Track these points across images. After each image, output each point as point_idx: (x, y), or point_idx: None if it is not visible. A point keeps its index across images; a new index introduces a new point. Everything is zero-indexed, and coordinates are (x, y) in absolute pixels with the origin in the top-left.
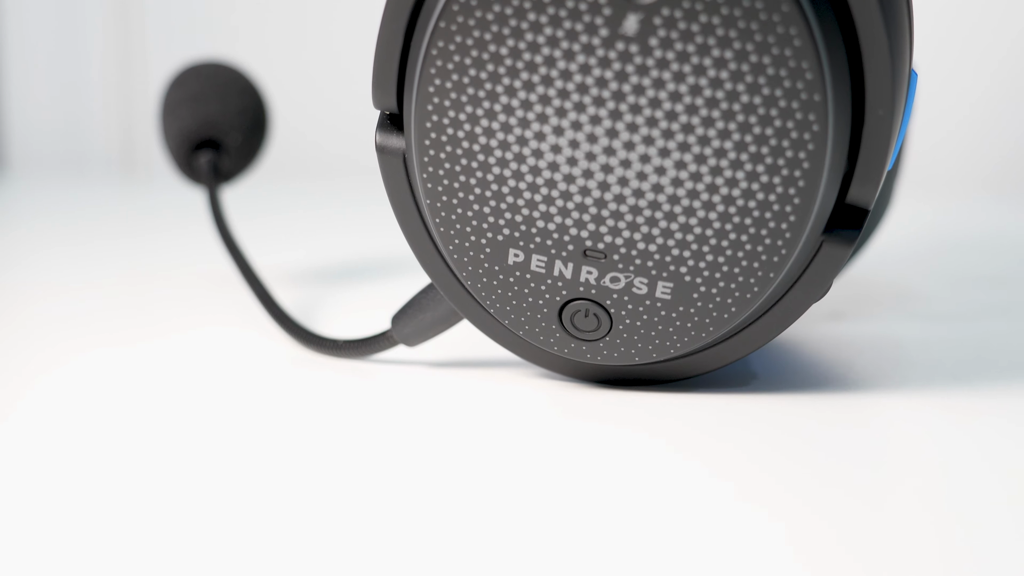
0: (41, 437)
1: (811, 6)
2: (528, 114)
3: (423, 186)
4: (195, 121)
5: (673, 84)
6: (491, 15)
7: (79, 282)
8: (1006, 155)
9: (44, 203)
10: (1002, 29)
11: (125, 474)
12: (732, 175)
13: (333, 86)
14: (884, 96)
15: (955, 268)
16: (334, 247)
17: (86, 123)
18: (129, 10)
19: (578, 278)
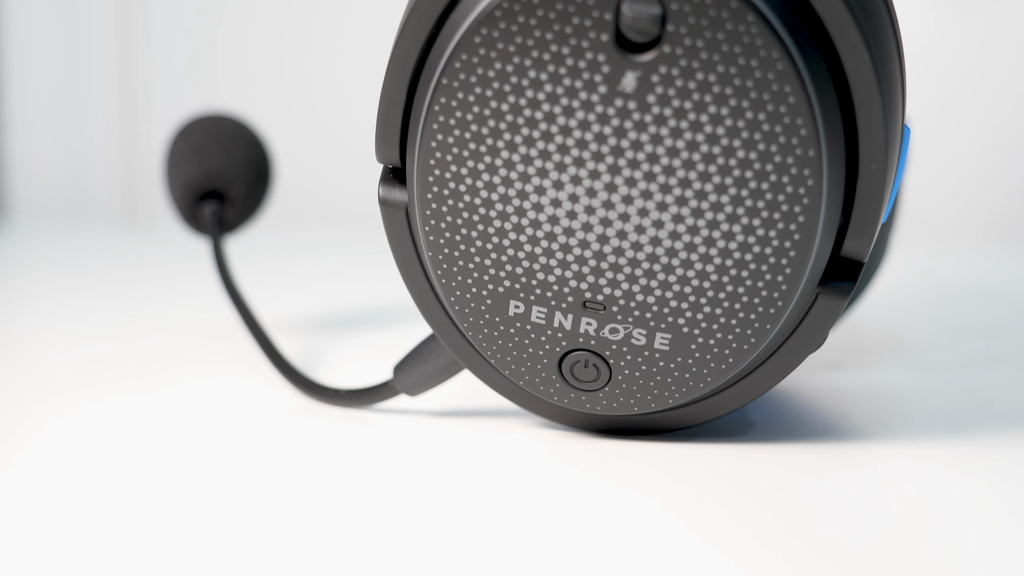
0: (43, 490)
1: (805, 64)
2: (528, 168)
3: (425, 239)
4: (200, 173)
5: (671, 139)
6: (492, 72)
7: (81, 330)
8: (1006, 204)
9: (46, 250)
10: (1004, 80)
11: (127, 528)
12: (729, 228)
13: (335, 138)
14: (877, 151)
15: (953, 317)
16: (336, 296)
17: (88, 170)
18: (133, 59)
19: (578, 329)
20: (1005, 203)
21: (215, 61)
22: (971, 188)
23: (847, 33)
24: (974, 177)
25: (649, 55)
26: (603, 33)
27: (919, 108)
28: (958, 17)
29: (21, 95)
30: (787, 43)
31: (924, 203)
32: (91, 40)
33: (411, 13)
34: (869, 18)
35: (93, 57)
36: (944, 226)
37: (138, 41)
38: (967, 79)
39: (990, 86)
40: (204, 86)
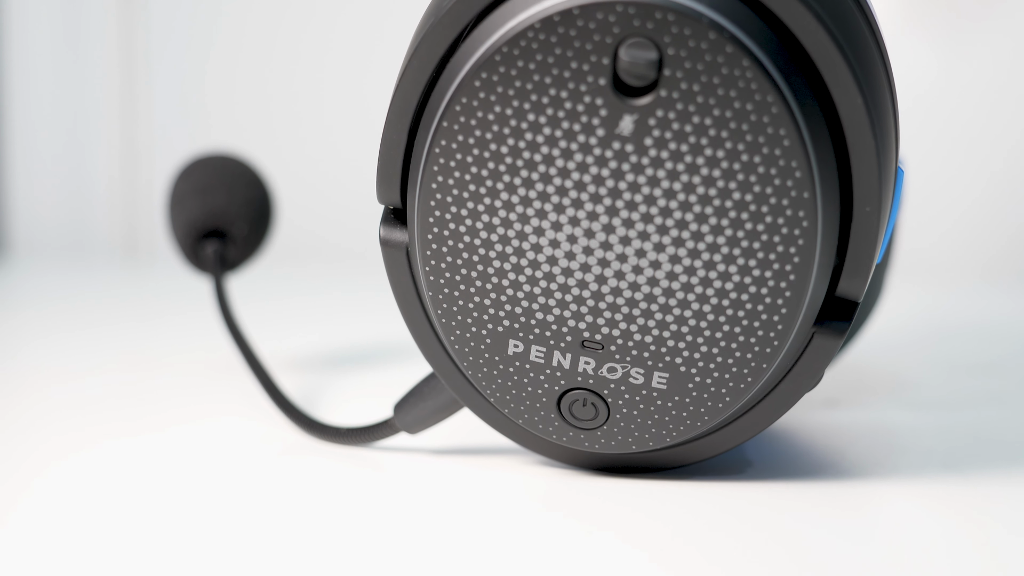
0: (44, 536)
1: (799, 107)
2: (528, 210)
3: (425, 279)
4: (202, 212)
5: (667, 182)
6: (492, 115)
7: (82, 368)
8: (1004, 243)
9: (47, 287)
10: (1003, 120)
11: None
12: (725, 269)
13: (336, 177)
14: (871, 193)
15: (950, 356)
16: (337, 334)
17: (89, 208)
18: (135, 98)
19: (576, 368)
20: (1003, 242)
21: (216, 100)
22: (969, 227)
23: (840, 77)
24: (972, 216)
25: (646, 99)
26: (601, 77)
27: (919, 148)
28: (957, 57)
29: (23, 132)
30: (781, 87)
31: (922, 242)
32: (94, 77)
33: (412, 57)
34: (862, 62)
35: (95, 95)
36: (942, 264)
37: (140, 80)
38: (966, 119)
39: (988, 126)
40: (205, 125)
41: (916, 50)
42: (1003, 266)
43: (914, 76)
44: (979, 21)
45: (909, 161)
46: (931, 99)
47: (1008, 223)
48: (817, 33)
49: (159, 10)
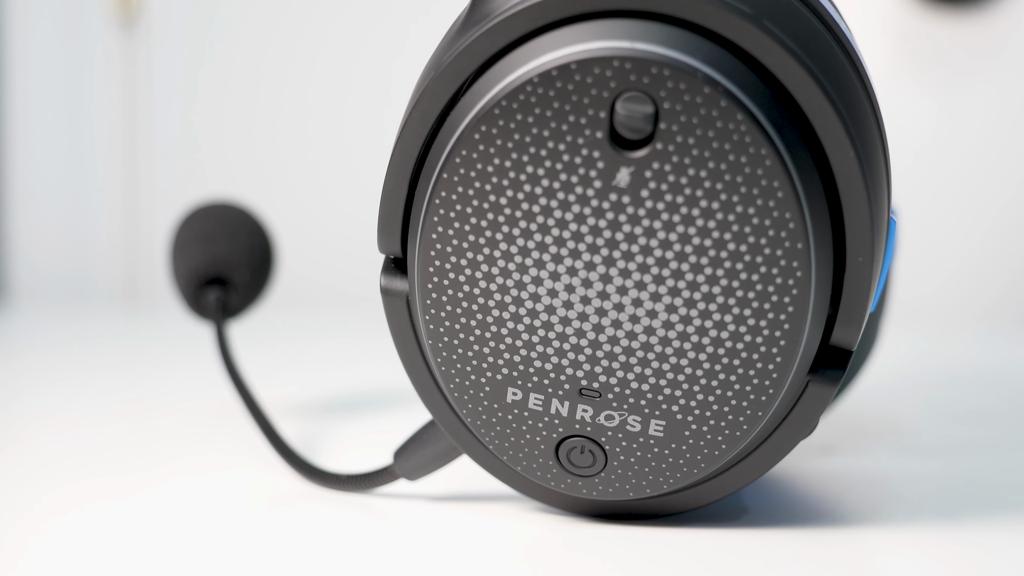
0: None
1: (792, 160)
2: (526, 260)
3: (425, 327)
4: (205, 259)
5: (664, 232)
6: (491, 167)
7: (83, 416)
8: (1001, 290)
9: (47, 333)
10: (999, 168)
11: None
12: (720, 318)
13: (337, 225)
14: (864, 244)
15: (946, 402)
16: (337, 380)
17: (90, 254)
18: (136, 145)
19: (574, 416)
20: (999, 290)
21: (218, 148)
22: (965, 275)
23: (833, 131)
24: (969, 264)
25: (642, 152)
26: (598, 131)
27: (915, 198)
28: (952, 107)
29: (25, 177)
30: (775, 140)
31: (918, 290)
32: (96, 124)
33: (413, 110)
34: (854, 115)
35: (97, 141)
36: (938, 312)
37: (141, 127)
38: (962, 169)
39: (983, 176)
40: (206, 172)
41: (912, 101)
42: (999, 314)
43: (910, 127)
44: (972, 71)
45: (906, 210)
46: (927, 149)
47: (1004, 271)
48: (809, 87)
49: (161, 58)
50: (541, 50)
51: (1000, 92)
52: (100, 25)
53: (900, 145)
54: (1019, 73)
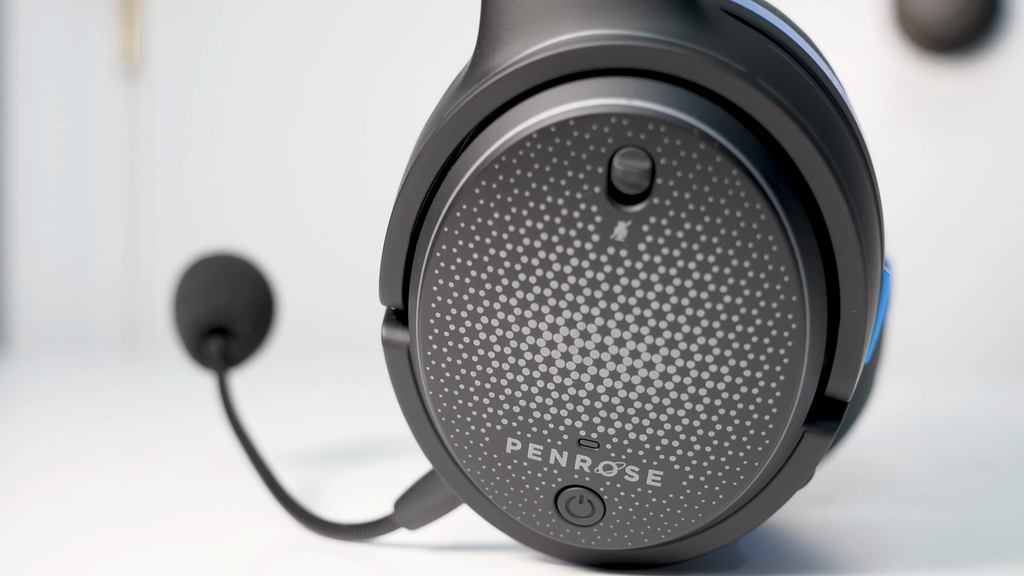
0: None
1: (787, 214)
2: (526, 312)
3: (426, 378)
4: (207, 309)
5: (660, 285)
6: (491, 221)
7: (83, 466)
8: (998, 339)
9: (47, 382)
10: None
11: None
12: (717, 370)
13: (338, 275)
14: (858, 296)
15: (943, 451)
16: (338, 429)
17: (90, 302)
18: (137, 193)
19: (573, 466)
20: (998, 337)
21: (219, 198)
22: (963, 324)
23: (826, 185)
24: (966, 313)
25: (639, 206)
26: (596, 186)
27: (913, 245)
28: (949, 155)
29: (26, 226)
30: (769, 195)
31: (916, 338)
32: (97, 172)
33: (415, 164)
34: (846, 170)
35: (98, 191)
36: (936, 359)
37: (143, 177)
38: (960, 217)
39: (982, 224)
40: (207, 223)
41: (909, 151)
42: (996, 362)
43: (907, 176)
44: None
45: (904, 259)
46: (924, 199)
47: (1001, 320)
48: (803, 143)
49: (163, 110)
50: (540, 107)
51: (996, 142)
52: (103, 76)
53: (897, 195)
54: (1014, 123)
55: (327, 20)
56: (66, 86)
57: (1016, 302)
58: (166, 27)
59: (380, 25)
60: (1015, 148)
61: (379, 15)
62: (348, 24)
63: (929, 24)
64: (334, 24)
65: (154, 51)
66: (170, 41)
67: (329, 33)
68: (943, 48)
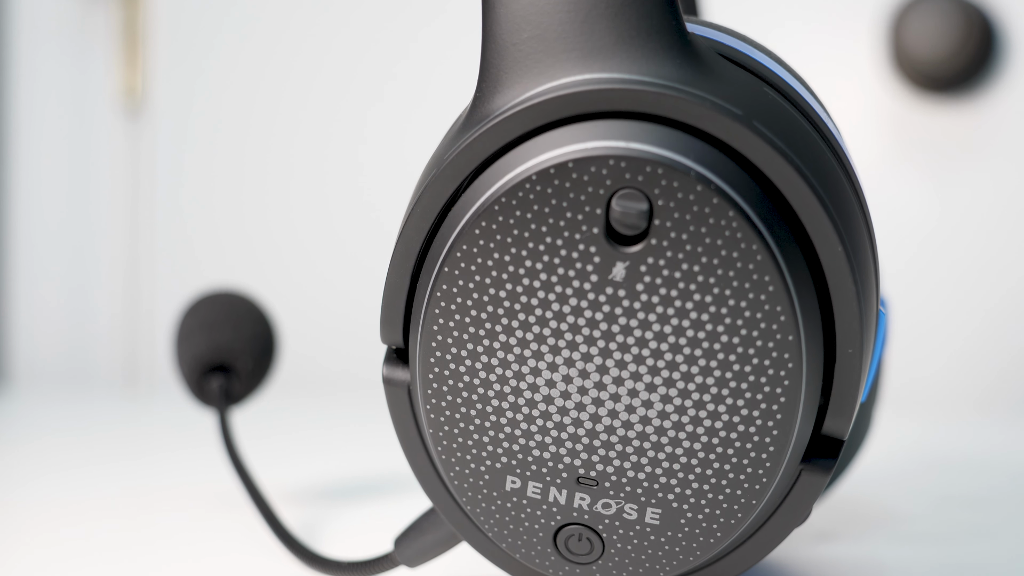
0: None
1: (782, 254)
2: (525, 351)
3: (426, 416)
4: (208, 347)
5: (658, 325)
6: (491, 261)
7: (84, 505)
8: (996, 377)
9: (47, 419)
10: (993, 257)
11: None
12: (714, 408)
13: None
14: (853, 336)
15: (942, 489)
16: (338, 466)
17: (91, 338)
18: (138, 230)
19: (572, 504)
20: (995, 375)
21: (220, 235)
22: (961, 361)
23: (821, 227)
24: (964, 350)
25: (637, 247)
26: (594, 226)
27: (911, 283)
28: (947, 195)
29: (27, 262)
30: (765, 236)
31: (914, 375)
32: (97, 209)
33: (415, 205)
34: (841, 211)
35: (99, 228)
36: (933, 398)
37: (144, 214)
38: (958, 255)
39: (981, 261)
40: (208, 259)
41: (907, 190)
42: (994, 399)
43: (906, 215)
44: (965, 160)
45: (902, 297)
46: (922, 236)
47: (999, 357)
48: (798, 185)
49: (165, 146)
50: (539, 149)
51: (993, 179)
52: (105, 113)
53: (895, 233)
54: (1011, 161)
55: (322, 57)
56: (69, 122)
57: (1014, 340)
58: (168, 64)
59: (375, 60)
60: (1012, 186)
61: (374, 49)
62: (345, 60)
63: (925, 63)
64: (330, 61)
65: (156, 88)
66: (172, 78)
67: (325, 70)
68: (940, 87)
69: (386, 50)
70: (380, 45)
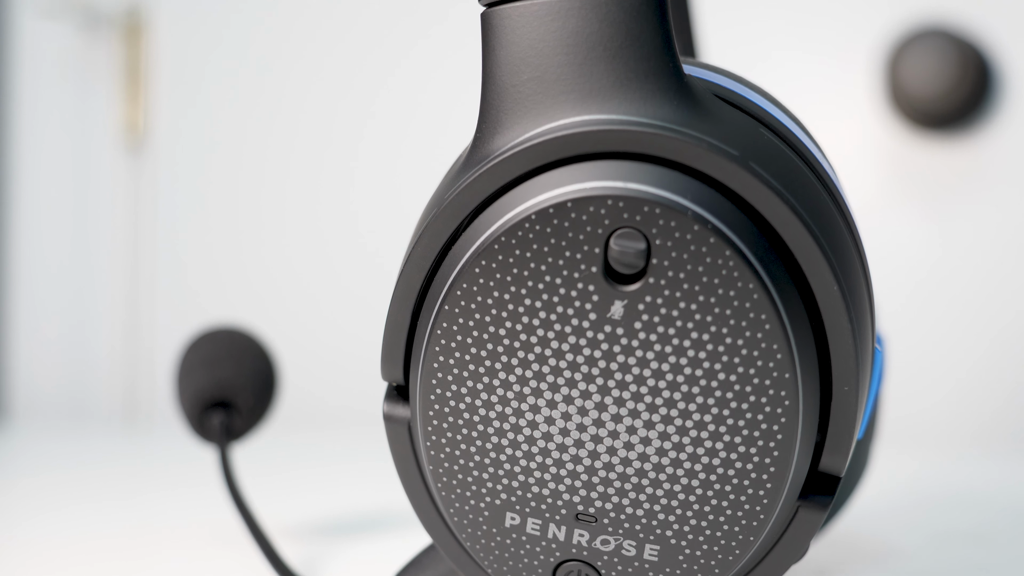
0: None
1: (779, 293)
2: (524, 388)
3: (426, 453)
4: (209, 383)
5: (656, 362)
6: (491, 300)
7: (84, 543)
8: (993, 413)
9: (47, 456)
10: (990, 293)
11: None
12: (712, 445)
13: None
14: (849, 374)
15: (939, 525)
16: (339, 502)
17: (91, 373)
18: (139, 266)
19: (571, 540)
20: (993, 411)
21: (221, 271)
22: (959, 397)
23: (816, 266)
24: (962, 386)
25: (635, 285)
26: (593, 265)
27: (910, 318)
28: (946, 230)
29: (27, 298)
30: (761, 274)
31: (912, 411)
32: (98, 245)
33: (416, 244)
34: (836, 250)
35: (100, 264)
36: (932, 433)
37: (144, 250)
38: (957, 291)
39: (979, 298)
40: (208, 295)
41: (905, 224)
42: (992, 435)
43: (904, 252)
44: (962, 197)
45: (901, 332)
46: (921, 273)
47: (997, 393)
48: (794, 224)
49: (166, 182)
50: (538, 189)
51: (991, 216)
52: (107, 149)
53: (893, 269)
54: (1008, 198)
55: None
56: (71, 157)
57: (1012, 376)
58: (170, 101)
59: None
60: (1009, 222)
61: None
62: (347, 97)
63: (922, 100)
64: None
65: (157, 124)
66: (173, 115)
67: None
68: (937, 124)
69: (390, 92)
70: (389, 89)
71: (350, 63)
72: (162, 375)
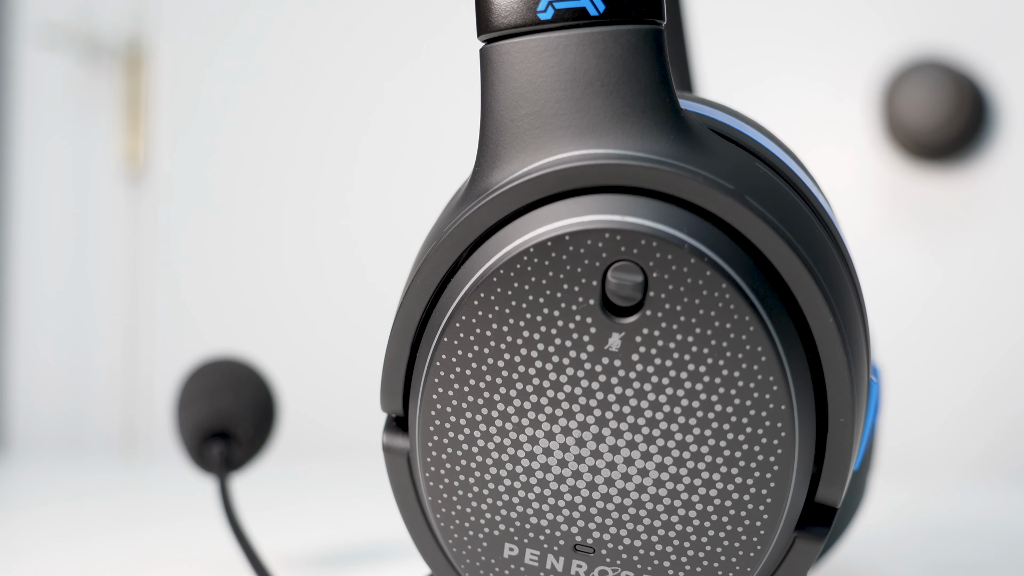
0: None
1: (774, 325)
2: (523, 420)
3: (425, 484)
4: (209, 413)
5: (653, 394)
6: (490, 332)
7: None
8: (990, 443)
9: (46, 486)
10: (987, 324)
11: None
12: (708, 476)
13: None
14: (845, 405)
15: (936, 555)
16: (338, 533)
17: (90, 402)
18: (138, 297)
19: (569, 571)
20: (988, 442)
21: (220, 301)
22: (955, 427)
23: (812, 298)
24: (958, 417)
25: (632, 318)
26: (590, 298)
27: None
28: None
29: (26, 327)
30: (757, 307)
31: (908, 441)
32: (97, 275)
33: (416, 277)
34: (831, 283)
35: (99, 293)
36: (928, 464)
37: (144, 279)
38: (953, 322)
39: (976, 328)
40: (208, 325)
41: (903, 255)
42: (988, 466)
43: (901, 283)
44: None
45: (898, 363)
46: (918, 304)
47: (992, 424)
48: (789, 258)
49: (166, 212)
50: (537, 223)
51: (987, 247)
52: (107, 179)
53: (889, 301)
54: (1004, 228)
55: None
56: (71, 187)
57: (1008, 406)
58: (170, 132)
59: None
60: (1005, 254)
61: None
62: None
63: (919, 131)
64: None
65: (157, 155)
66: (174, 145)
67: (330, 137)
68: (933, 155)
69: (385, 119)
70: (383, 116)
71: (347, 95)
72: (161, 405)
